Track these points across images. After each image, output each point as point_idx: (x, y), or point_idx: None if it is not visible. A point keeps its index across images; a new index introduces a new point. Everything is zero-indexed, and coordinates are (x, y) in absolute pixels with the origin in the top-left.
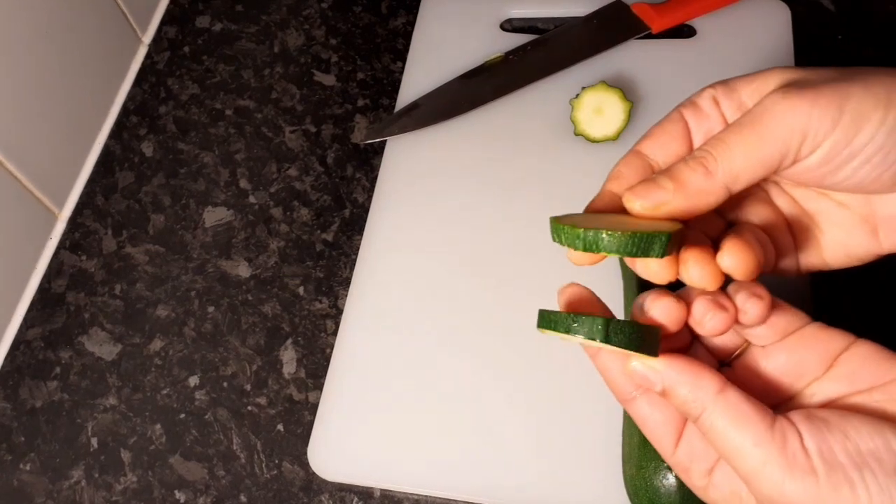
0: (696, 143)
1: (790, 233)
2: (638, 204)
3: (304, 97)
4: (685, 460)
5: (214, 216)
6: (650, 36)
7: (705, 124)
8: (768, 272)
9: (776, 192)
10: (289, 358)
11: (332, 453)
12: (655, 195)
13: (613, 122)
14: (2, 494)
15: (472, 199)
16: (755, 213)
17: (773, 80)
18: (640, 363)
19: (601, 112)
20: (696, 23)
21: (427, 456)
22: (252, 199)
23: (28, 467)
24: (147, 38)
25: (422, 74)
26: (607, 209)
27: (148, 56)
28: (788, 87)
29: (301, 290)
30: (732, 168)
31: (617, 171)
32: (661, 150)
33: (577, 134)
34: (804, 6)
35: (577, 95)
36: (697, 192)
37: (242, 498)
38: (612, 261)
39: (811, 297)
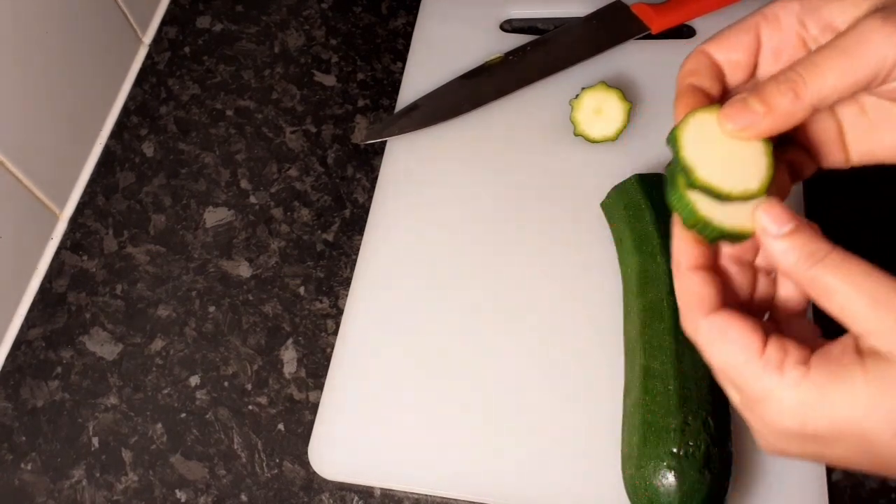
0: (764, 57)
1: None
2: (729, 126)
3: (305, 97)
4: (778, 353)
5: (215, 216)
6: (650, 36)
7: (777, 38)
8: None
9: None
10: (289, 358)
11: (332, 453)
12: (745, 118)
13: (613, 123)
14: (3, 494)
15: (472, 200)
16: None
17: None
18: (769, 206)
19: (601, 112)
20: (696, 23)
21: (427, 455)
22: (253, 200)
23: (29, 467)
24: (147, 38)
25: (422, 75)
26: (696, 103)
27: (148, 56)
28: (887, 12)
29: (302, 289)
30: (822, 92)
31: (689, 68)
32: (725, 55)
33: (576, 134)
34: None
35: (577, 96)
36: (785, 114)
37: (243, 497)
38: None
39: None
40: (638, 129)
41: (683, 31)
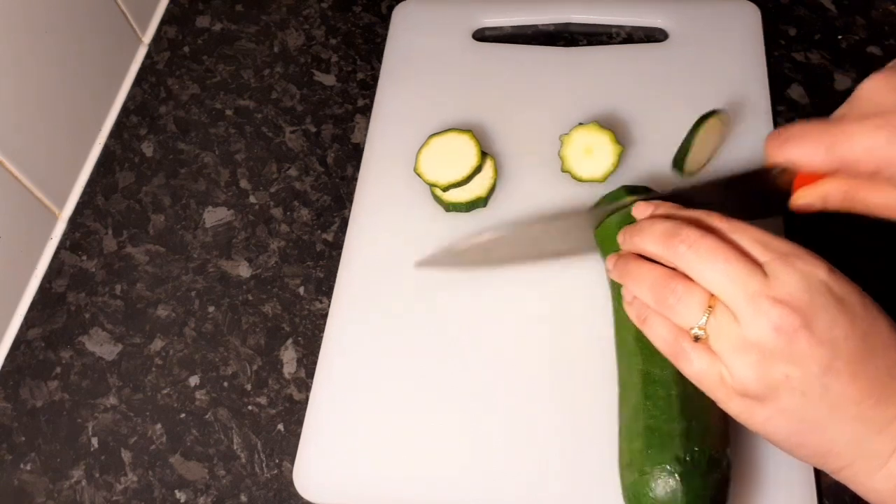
0: None
1: None
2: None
3: (304, 97)
4: None
5: (215, 216)
6: (624, 41)
7: None
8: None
9: None
10: (289, 358)
11: (318, 475)
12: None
13: (602, 165)
14: (2, 494)
15: (456, 216)
16: None
17: None
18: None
19: (591, 153)
20: (669, 27)
21: (416, 472)
22: (252, 199)
23: (29, 467)
24: (147, 37)
25: (395, 86)
26: None
27: (148, 56)
28: None
29: (301, 289)
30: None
31: None
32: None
33: (563, 171)
34: (805, 7)
35: (568, 133)
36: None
37: (243, 497)
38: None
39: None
40: (627, 169)
41: (656, 35)
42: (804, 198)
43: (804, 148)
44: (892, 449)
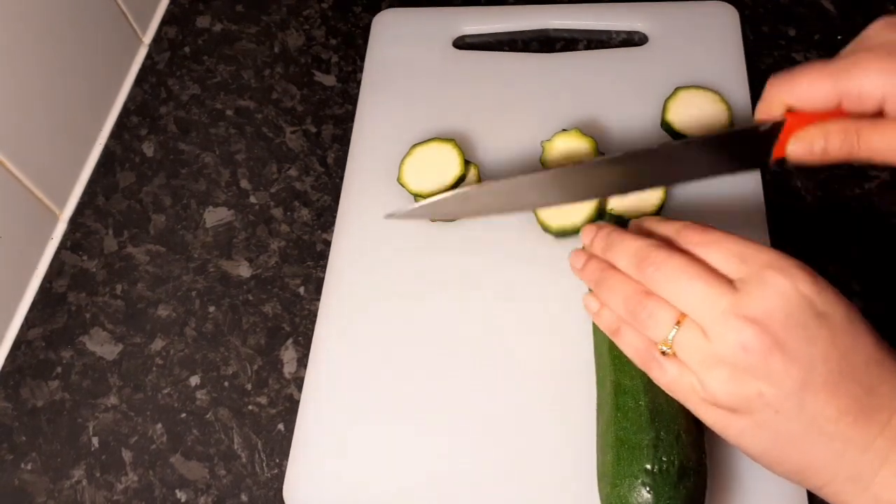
0: None
1: None
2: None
3: (305, 97)
4: None
5: (215, 216)
6: (605, 46)
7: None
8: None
9: None
10: (289, 357)
11: (308, 490)
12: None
13: None
14: (3, 494)
15: (441, 226)
16: None
17: None
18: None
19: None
20: (648, 30)
21: (404, 485)
22: (253, 200)
23: (29, 467)
24: (147, 38)
25: (376, 96)
26: None
27: (148, 56)
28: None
29: (301, 290)
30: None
31: None
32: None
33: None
34: (804, 7)
35: (550, 139)
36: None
37: (243, 497)
38: None
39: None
40: None
41: (635, 39)
42: (802, 140)
43: (809, 80)
44: (875, 470)
